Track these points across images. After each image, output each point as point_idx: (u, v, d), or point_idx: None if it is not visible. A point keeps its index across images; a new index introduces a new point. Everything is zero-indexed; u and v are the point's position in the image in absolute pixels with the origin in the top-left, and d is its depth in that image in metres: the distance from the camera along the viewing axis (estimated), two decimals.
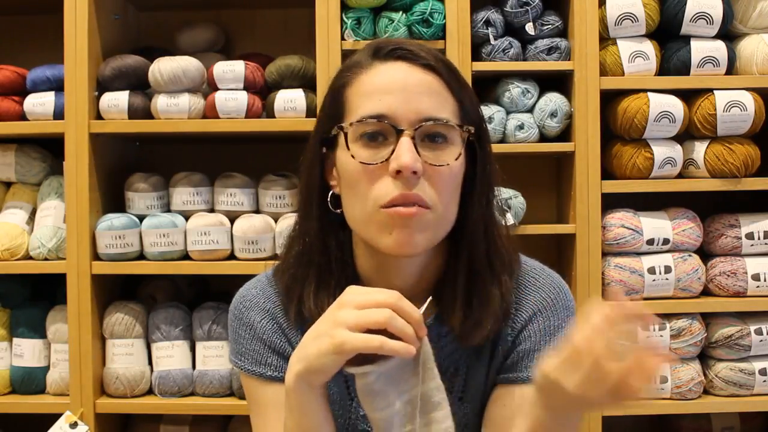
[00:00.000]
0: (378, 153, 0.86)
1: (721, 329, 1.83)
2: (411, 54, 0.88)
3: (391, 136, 0.86)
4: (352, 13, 1.83)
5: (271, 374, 0.96)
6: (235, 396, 1.83)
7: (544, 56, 1.85)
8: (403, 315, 0.74)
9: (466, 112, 0.90)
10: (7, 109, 1.84)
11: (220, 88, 1.82)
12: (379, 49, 0.90)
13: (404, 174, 0.83)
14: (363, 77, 0.89)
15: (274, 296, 0.99)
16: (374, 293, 0.76)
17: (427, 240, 0.87)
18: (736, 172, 1.82)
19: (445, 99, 0.88)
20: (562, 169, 2.02)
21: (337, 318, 0.76)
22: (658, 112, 1.80)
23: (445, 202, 0.87)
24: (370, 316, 0.74)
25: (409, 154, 0.83)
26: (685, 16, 1.81)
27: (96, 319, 1.82)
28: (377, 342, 0.72)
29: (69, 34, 1.79)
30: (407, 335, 0.74)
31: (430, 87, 0.87)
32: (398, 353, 0.73)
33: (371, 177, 0.86)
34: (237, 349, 1.00)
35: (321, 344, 0.76)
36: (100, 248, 1.80)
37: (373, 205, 0.86)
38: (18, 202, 1.92)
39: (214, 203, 1.88)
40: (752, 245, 1.86)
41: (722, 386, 1.83)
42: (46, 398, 1.85)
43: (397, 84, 0.87)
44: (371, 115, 0.86)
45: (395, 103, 0.85)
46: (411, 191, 0.84)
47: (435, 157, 0.86)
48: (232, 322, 1.01)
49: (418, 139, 0.85)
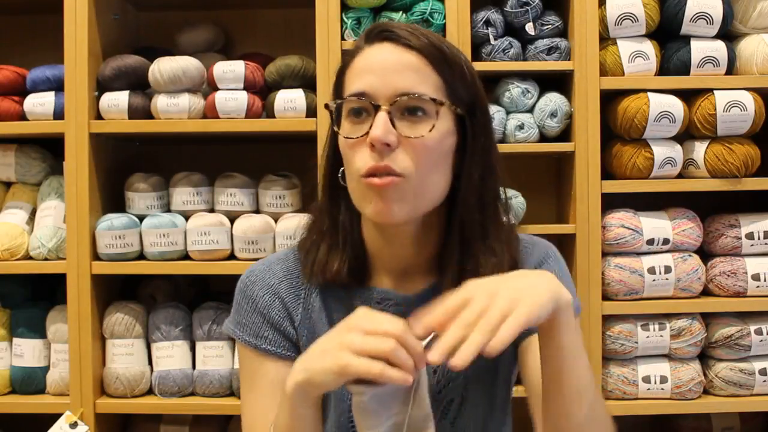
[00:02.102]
0: (360, 127, 0.92)
1: (721, 329, 1.83)
2: (394, 35, 0.94)
3: (372, 111, 0.92)
4: (352, 13, 1.83)
5: (266, 347, 1.01)
6: (235, 396, 1.83)
7: (544, 56, 1.85)
8: (406, 346, 0.77)
9: (452, 88, 0.94)
10: (7, 109, 1.84)
11: (220, 88, 1.82)
12: (370, 32, 0.97)
13: (377, 146, 0.89)
14: (356, 59, 0.96)
15: (280, 273, 1.04)
16: (383, 321, 0.79)
17: (407, 209, 0.92)
18: (736, 172, 1.82)
19: (425, 76, 0.93)
20: (562, 169, 2.02)
21: (344, 340, 0.79)
22: (658, 112, 1.80)
23: (423, 172, 0.92)
24: (375, 344, 0.77)
25: (381, 128, 0.89)
26: (685, 16, 1.81)
27: (96, 319, 1.82)
28: (378, 369, 0.76)
29: (69, 34, 1.79)
30: (407, 367, 0.77)
31: (410, 64, 0.92)
32: (396, 382, 0.76)
33: (354, 150, 0.93)
34: (237, 320, 1.05)
35: (325, 362, 0.79)
36: (100, 248, 1.80)
37: (356, 175, 0.92)
38: (18, 202, 1.92)
39: (214, 203, 1.88)
40: (752, 245, 1.86)
41: (722, 386, 1.83)
42: (46, 398, 1.85)
43: (378, 64, 0.93)
44: (353, 93, 0.93)
45: (375, 81, 0.92)
46: (382, 162, 0.90)
47: (411, 129, 0.91)
48: (237, 295, 1.06)
49: (396, 113, 0.91)
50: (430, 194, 0.94)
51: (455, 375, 1.00)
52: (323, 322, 1.02)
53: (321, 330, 1.01)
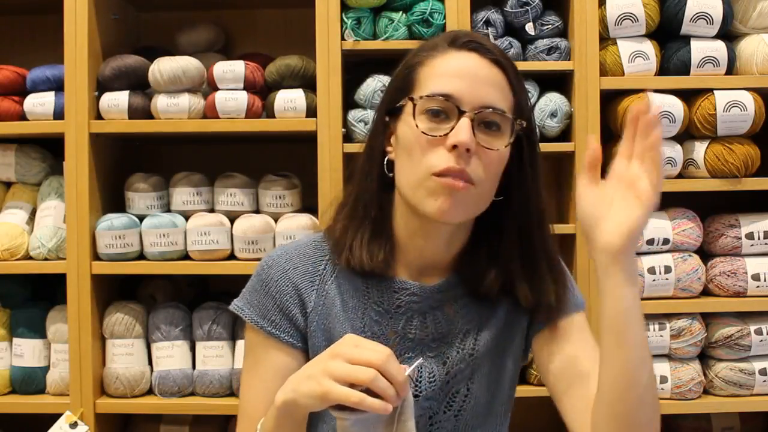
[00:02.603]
0: (439, 127, 0.95)
1: (721, 329, 1.83)
2: (483, 48, 0.98)
3: (453, 115, 0.95)
4: (352, 13, 1.83)
5: (272, 330, 1.03)
6: (235, 396, 1.83)
7: (544, 56, 1.85)
8: (388, 376, 0.81)
9: (521, 108, 1.00)
10: (7, 109, 1.84)
11: (220, 88, 1.82)
12: (456, 39, 1.00)
13: (460, 149, 0.93)
14: (438, 60, 0.98)
15: (296, 259, 1.06)
16: (366, 350, 0.82)
17: (466, 212, 0.98)
18: (736, 172, 1.82)
19: (505, 93, 0.98)
20: (562, 169, 2.02)
21: (327, 367, 0.82)
22: (658, 112, 1.80)
23: (489, 182, 0.97)
24: (356, 373, 0.80)
25: (467, 133, 0.93)
26: (685, 16, 1.81)
27: (96, 319, 1.82)
28: (356, 398, 0.79)
29: (69, 34, 1.79)
30: (387, 396, 0.80)
31: (495, 80, 0.97)
32: (376, 411, 0.80)
33: (428, 147, 0.95)
34: (247, 299, 1.07)
35: (309, 386, 0.83)
36: (100, 248, 1.80)
37: (425, 171, 0.94)
38: (18, 202, 1.92)
39: (214, 203, 1.88)
40: (752, 245, 1.86)
41: (722, 386, 1.83)
42: (46, 398, 1.85)
43: (468, 71, 0.96)
44: (441, 93, 0.95)
45: (463, 86, 0.95)
46: (461, 165, 0.93)
47: (488, 141, 0.95)
48: (253, 278, 1.08)
49: (476, 122, 0.95)
50: (485, 203, 1.00)
51: (464, 366, 1.04)
52: (338, 308, 1.03)
53: (334, 317, 1.03)
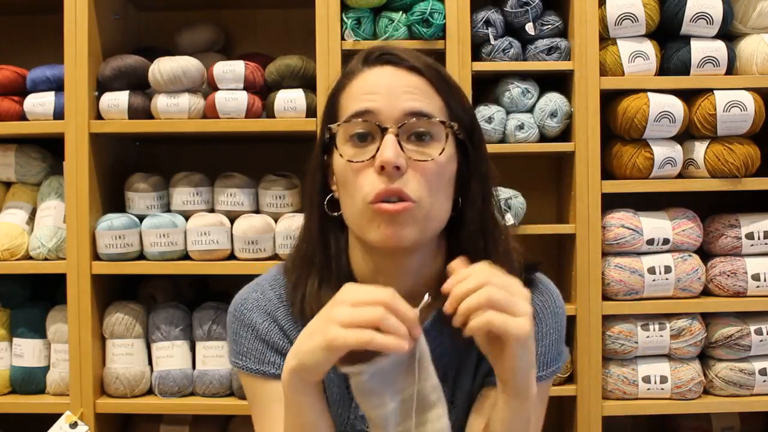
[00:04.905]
0: (365, 150, 0.89)
1: (721, 329, 1.83)
2: (396, 58, 0.92)
3: (377, 134, 0.89)
4: (352, 13, 1.83)
5: (274, 372, 0.97)
6: (235, 396, 1.83)
7: (544, 56, 1.85)
8: (397, 313, 0.74)
9: (454, 111, 0.93)
10: (7, 109, 1.84)
11: (220, 88, 1.82)
12: (369, 55, 0.95)
13: (387, 169, 0.86)
14: (354, 82, 0.94)
15: (274, 299, 1.01)
16: (369, 291, 0.76)
17: (415, 234, 0.89)
18: (736, 172, 1.82)
19: (430, 98, 0.91)
20: (562, 169, 2.02)
21: (330, 315, 0.76)
22: (658, 112, 1.80)
23: (432, 196, 0.89)
24: (362, 313, 0.74)
25: (391, 150, 0.86)
26: (685, 16, 1.81)
27: (96, 319, 1.82)
28: (367, 337, 0.72)
29: (69, 34, 1.79)
30: (400, 333, 0.73)
31: (415, 87, 0.91)
32: (388, 349, 0.73)
33: (358, 175, 0.89)
34: (238, 350, 1.01)
35: (313, 341, 0.77)
36: (100, 248, 1.80)
37: (362, 201, 0.89)
38: (18, 202, 1.92)
39: (214, 203, 1.88)
40: (752, 245, 1.86)
41: (722, 386, 1.83)
42: (46, 398, 1.85)
43: (383, 85, 0.91)
44: (356, 113, 0.90)
45: (380, 101, 0.89)
46: (393, 185, 0.87)
47: (420, 152, 0.89)
48: (232, 324, 1.02)
49: (404, 136, 0.89)
50: (438, 219, 0.92)
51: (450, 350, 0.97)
52: None
53: None
